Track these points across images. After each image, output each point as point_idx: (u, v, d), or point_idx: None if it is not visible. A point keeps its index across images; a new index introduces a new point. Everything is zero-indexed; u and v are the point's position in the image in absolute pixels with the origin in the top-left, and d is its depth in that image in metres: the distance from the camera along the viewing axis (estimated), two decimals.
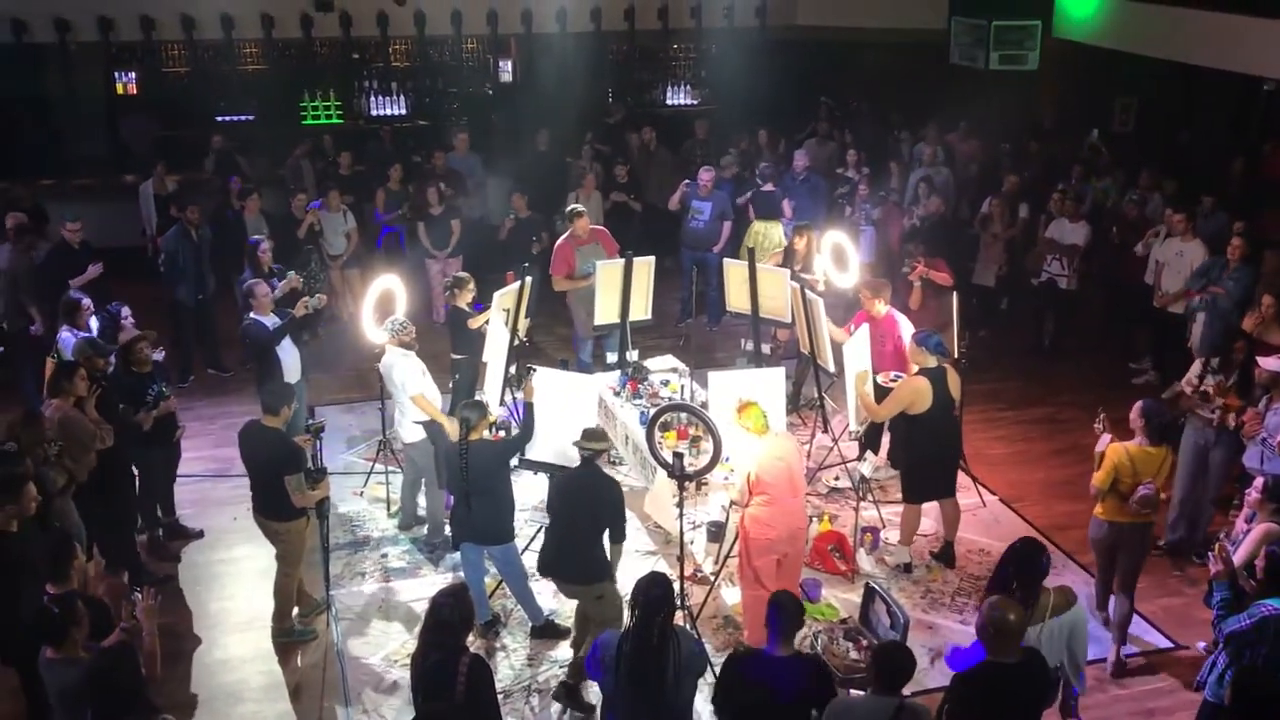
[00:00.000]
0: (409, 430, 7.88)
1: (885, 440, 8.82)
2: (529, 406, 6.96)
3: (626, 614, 5.78)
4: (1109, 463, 6.53)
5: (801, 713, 4.87)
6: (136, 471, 7.88)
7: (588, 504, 6.28)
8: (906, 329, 8.40)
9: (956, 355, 8.61)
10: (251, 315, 8.41)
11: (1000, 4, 13.36)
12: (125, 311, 8.62)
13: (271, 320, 8.41)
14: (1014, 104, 14.47)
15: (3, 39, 12.76)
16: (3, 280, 9.60)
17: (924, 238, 10.88)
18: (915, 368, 7.57)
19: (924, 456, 7.64)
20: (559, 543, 6.37)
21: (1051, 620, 5.35)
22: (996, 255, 11.42)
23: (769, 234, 11.49)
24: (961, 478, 8.22)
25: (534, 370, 7.32)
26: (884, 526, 8.18)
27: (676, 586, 6.70)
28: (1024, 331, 11.81)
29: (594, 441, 6.46)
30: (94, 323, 8.45)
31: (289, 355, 8.45)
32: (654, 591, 4.88)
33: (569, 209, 10.23)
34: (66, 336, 8.09)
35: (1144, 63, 12.55)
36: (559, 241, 10.11)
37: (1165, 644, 7.12)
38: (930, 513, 7.98)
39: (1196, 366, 7.72)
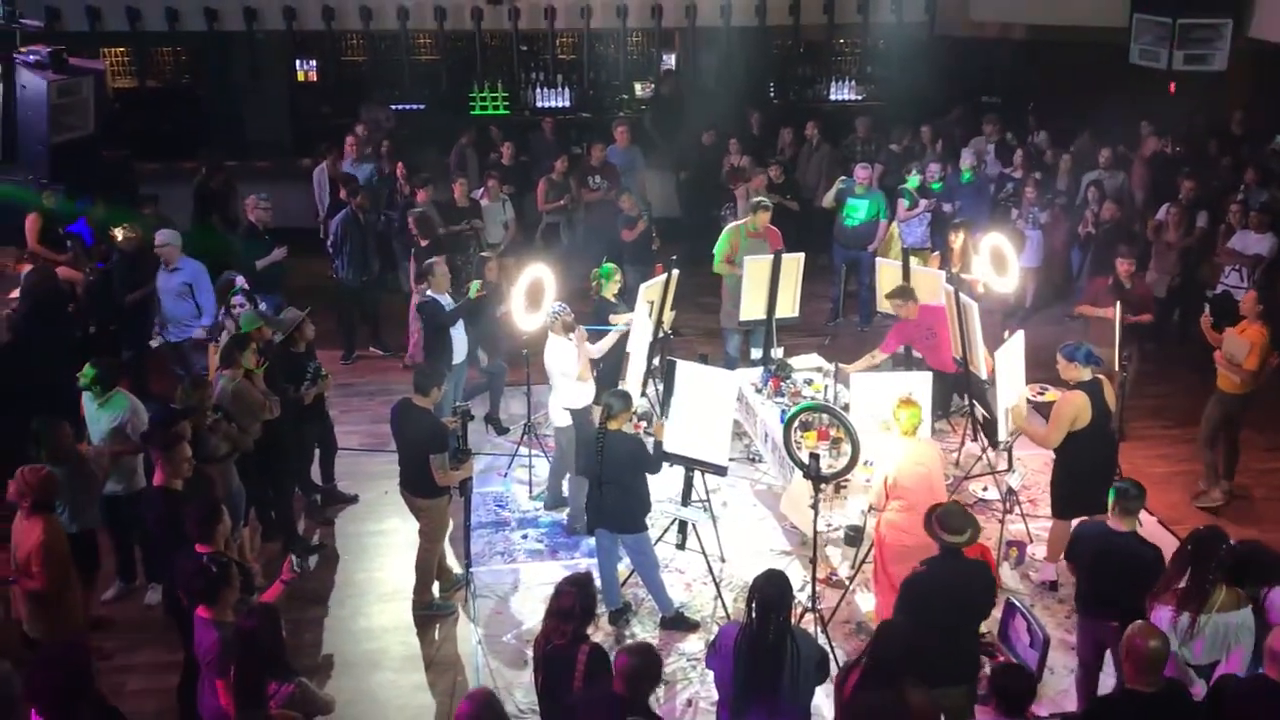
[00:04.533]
0: (557, 415, 8.04)
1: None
2: (658, 445, 7.05)
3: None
4: (1257, 346, 8.03)
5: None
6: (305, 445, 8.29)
7: (958, 599, 5.45)
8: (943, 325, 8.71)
9: (1117, 367, 8.29)
10: (429, 293, 8.82)
11: (1186, 1, 12.66)
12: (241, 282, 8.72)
13: (447, 300, 8.78)
14: (1198, 107, 13.70)
15: (196, 26, 13.55)
16: None
17: (1099, 244, 10.49)
18: (1071, 383, 7.31)
19: (1077, 471, 7.34)
20: (937, 646, 5.26)
21: (1216, 615, 5.22)
22: (1170, 265, 10.90)
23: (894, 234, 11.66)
24: None
25: (664, 421, 7.37)
26: (1031, 541, 7.93)
27: (809, 589, 6.69)
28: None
29: (955, 534, 5.49)
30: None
31: (460, 336, 8.85)
32: (770, 591, 4.83)
33: (754, 201, 10.37)
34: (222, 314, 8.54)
35: None
36: (732, 224, 10.34)
37: None
38: None
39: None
